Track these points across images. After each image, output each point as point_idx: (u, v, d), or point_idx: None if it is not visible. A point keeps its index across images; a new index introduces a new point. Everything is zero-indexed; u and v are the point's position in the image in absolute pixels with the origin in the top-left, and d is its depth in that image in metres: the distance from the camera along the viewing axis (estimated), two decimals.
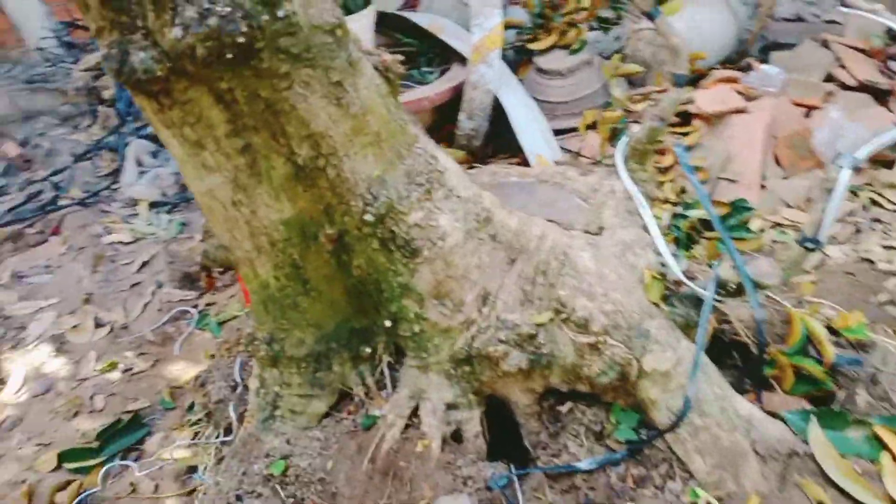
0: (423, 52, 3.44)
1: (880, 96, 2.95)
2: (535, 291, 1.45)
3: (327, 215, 1.33)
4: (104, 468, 1.97)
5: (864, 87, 2.97)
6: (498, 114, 3.12)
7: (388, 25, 3.44)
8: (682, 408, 1.38)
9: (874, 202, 2.67)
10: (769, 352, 1.64)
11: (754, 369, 1.53)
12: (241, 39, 1.09)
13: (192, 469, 1.89)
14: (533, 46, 3.42)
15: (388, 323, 1.46)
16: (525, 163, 3.12)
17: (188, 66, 1.12)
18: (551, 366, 1.44)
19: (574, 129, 3.43)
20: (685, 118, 3.11)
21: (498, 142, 3.37)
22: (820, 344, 1.67)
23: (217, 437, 1.70)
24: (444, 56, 3.35)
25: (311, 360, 1.45)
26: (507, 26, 3.46)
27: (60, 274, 2.85)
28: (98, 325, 2.57)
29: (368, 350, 1.51)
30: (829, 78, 3.09)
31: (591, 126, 3.39)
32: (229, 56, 1.11)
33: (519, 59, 3.55)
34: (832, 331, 1.75)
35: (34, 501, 1.90)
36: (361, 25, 3.07)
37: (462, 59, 3.16)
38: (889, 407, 1.61)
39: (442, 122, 3.15)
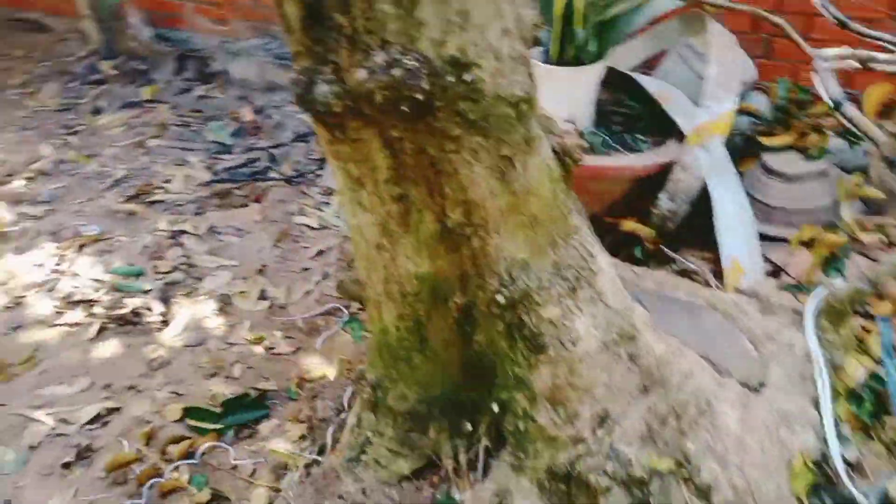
0: (643, 117, 3.28)
1: None
2: (662, 432, 1.29)
3: (461, 282, 1.28)
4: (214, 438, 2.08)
5: None
6: (702, 201, 2.89)
7: (614, 83, 3.33)
8: None
9: None
10: None
11: None
12: (419, 96, 1.07)
13: (286, 467, 1.93)
14: (765, 141, 3.12)
15: (495, 407, 1.38)
16: (717, 261, 2.86)
17: (365, 108, 1.12)
18: None
19: (785, 240, 3.08)
20: None
21: (695, 230, 3.12)
22: None
23: (311, 453, 1.71)
24: (664, 128, 3.17)
25: (408, 418, 1.41)
26: (742, 112, 3.20)
27: (248, 239, 3.07)
28: (262, 297, 2.73)
29: (469, 427, 1.43)
30: None
31: (806, 243, 3.03)
32: (404, 108, 1.09)
33: (746, 149, 3.26)
34: None
35: (150, 444, 2.05)
36: (584, 79, 3.00)
37: (681, 136, 2.97)
38: None
39: (639, 195, 2.98)
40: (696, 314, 1.47)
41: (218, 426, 2.12)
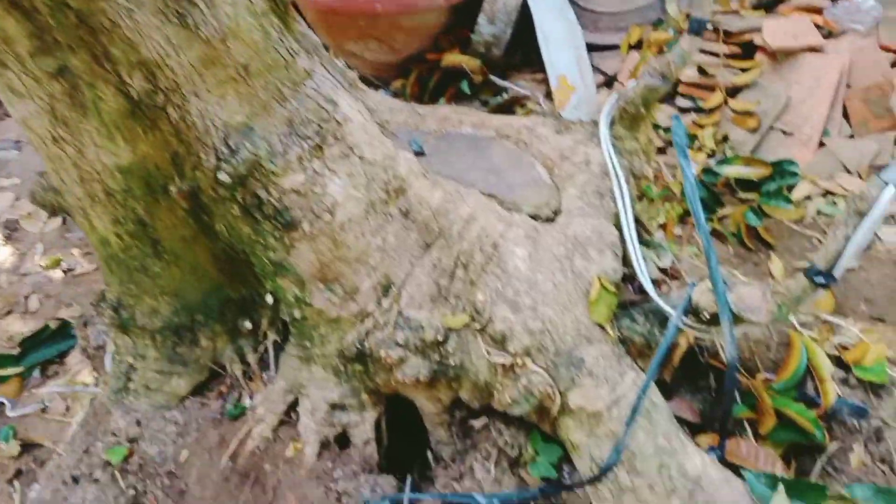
0: None
1: None
2: (452, 287, 1.14)
3: (175, 166, 1.03)
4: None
5: None
6: (529, 19, 2.68)
7: None
8: (607, 461, 1.09)
9: None
10: (751, 384, 1.31)
11: (720, 415, 1.21)
12: None
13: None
14: None
15: (269, 299, 1.19)
16: (548, 82, 2.70)
17: None
18: (460, 379, 1.16)
19: (616, 47, 2.94)
20: (748, 50, 2.60)
21: (526, 52, 2.93)
22: (821, 382, 1.33)
23: (94, 387, 1.51)
24: None
25: (168, 333, 1.21)
26: None
27: (28, 152, 2.66)
28: (52, 214, 2.37)
29: (249, 325, 1.25)
30: None
31: (637, 46, 2.90)
32: None
33: None
34: (843, 364, 1.40)
35: None
36: None
37: None
38: (889, 472, 1.29)
39: (458, 25, 2.73)
40: (482, 147, 1.30)
41: (19, 369, 1.87)
